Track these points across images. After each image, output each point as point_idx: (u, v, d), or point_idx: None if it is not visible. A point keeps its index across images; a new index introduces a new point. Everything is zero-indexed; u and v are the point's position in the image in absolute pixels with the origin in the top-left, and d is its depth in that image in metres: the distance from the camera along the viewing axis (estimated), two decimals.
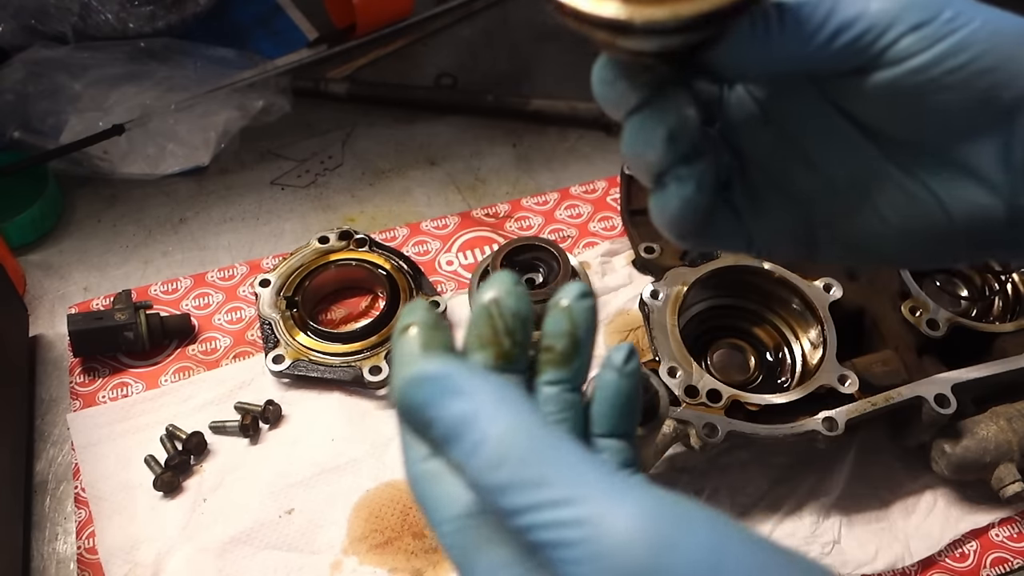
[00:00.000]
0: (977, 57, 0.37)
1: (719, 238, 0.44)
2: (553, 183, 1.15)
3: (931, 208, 0.41)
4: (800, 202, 0.44)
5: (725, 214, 0.44)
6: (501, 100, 1.21)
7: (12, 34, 1.17)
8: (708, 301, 0.92)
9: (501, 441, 0.32)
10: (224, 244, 1.07)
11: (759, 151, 0.44)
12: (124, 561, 0.80)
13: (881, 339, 0.85)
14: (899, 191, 0.41)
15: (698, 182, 0.39)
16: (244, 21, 1.34)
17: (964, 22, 0.37)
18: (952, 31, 0.37)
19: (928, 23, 0.37)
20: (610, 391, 0.41)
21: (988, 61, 0.37)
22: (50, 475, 0.87)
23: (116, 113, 1.12)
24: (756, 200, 0.44)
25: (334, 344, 0.92)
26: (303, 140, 1.19)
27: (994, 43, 0.37)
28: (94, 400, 0.91)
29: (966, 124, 0.38)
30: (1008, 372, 0.81)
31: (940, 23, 0.37)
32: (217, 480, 0.85)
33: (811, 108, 0.42)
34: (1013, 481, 0.79)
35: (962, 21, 0.37)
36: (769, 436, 0.77)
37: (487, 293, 0.40)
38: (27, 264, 1.04)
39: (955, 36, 0.37)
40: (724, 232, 0.44)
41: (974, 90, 0.37)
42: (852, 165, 0.42)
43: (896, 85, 0.38)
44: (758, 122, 0.44)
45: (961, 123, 0.38)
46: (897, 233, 0.42)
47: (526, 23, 1.37)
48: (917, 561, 0.82)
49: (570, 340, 0.40)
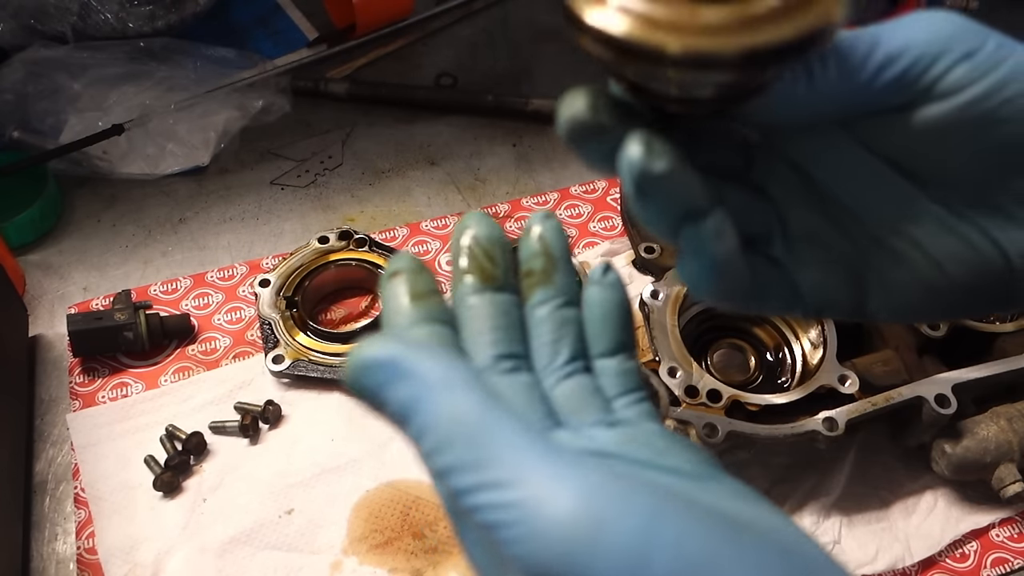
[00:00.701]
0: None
1: (765, 298, 0.41)
2: (553, 183, 1.15)
3: (989, 254, 0.38)
4: (846, 253, 0.40)
5: (767, 270, 0.41)
6: (501, 100, 1.21)
7: (11, 34, 1.17)
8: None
9: (446, 424, 0.32)
10: (224, 244, 1.07)
11: (791, 200, 0.40)
12: (124, 561, 0.80)
13: (881, 339, 0.85)
14: (950, 236, 0.38)
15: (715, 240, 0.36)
16: (244, 21, 1.34)
17: (1009, 51, 0.35)
18: (1003, 59, 0.35)
19: (978, 51, 0.34)
20: (597, 305, 0.40)
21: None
22: (49, 475, 0.87)
23: (116, 113, 1.12)
24: (798, 254, 0.41)
25: (334, 344, 0.92)
26: (303, 140, 1.19)
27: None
28: (94, 400, 0.91)
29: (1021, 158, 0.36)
30: (1008, 372, 0.81)
31: (989, 51, 0.35)
32: (217, 480, 0.85)
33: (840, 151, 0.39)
34: (1014, 481, 0.79)
35: (1008, 51, 0.35)
36: (769, 436, 0.77)
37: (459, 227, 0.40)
38: (26, 264, 1.04)
39: (1007, 64, 0.35)
40: (770, 291, 0.41)
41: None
42: (894, 210, 0.39)
43: (948, 120, 0.35)
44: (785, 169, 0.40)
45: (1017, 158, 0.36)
46: (952, 283, 0.38)
47: (526, 23, 1.36)
48: (917, 561, 0.82)
49: (546, 258, 0.40)
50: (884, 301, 0.41)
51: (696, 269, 0.37)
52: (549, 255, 0.40)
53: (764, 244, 0.41)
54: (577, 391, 0.39)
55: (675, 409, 0.77)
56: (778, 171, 0.40)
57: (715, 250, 0.36)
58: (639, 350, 0.95)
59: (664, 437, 0.38)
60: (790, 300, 0.41)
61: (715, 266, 0.37)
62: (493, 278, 0.39)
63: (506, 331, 0.39)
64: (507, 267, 0.40)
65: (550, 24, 1.35)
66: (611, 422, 0.38)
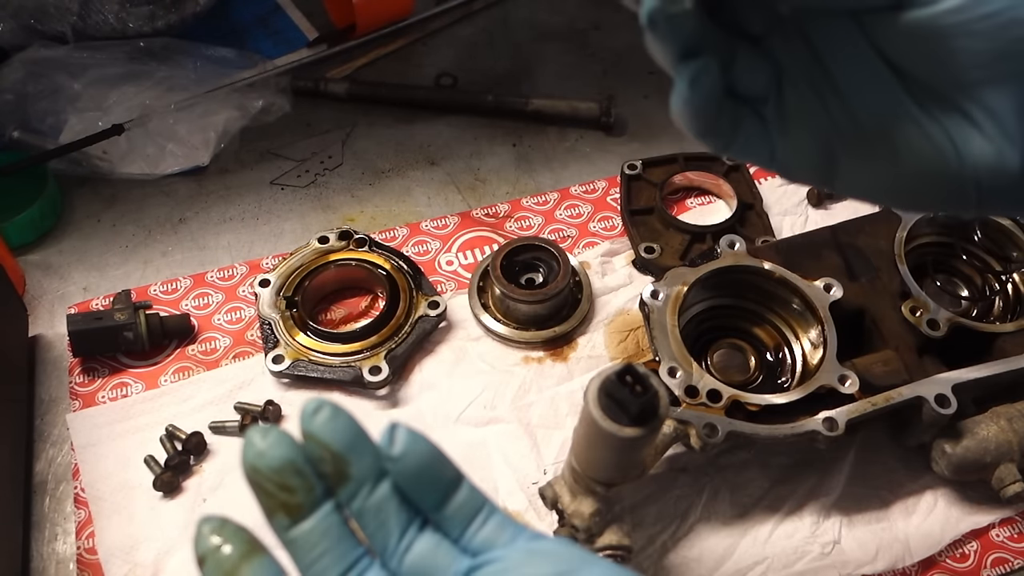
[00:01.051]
0: (1012, 6, 0.38)
1: (746, 147, 0.45)
2: (553, 183, 1.15)
3: (946, 152, 0.42)
4: (825, 128, 0.45)
5: (755, 124, 0.45)
6: (501, 100, 1.21)
7: (12, 34, 1.17)
8: (708, 301, 0.92)
9: None
10: (224, 244, 1.07)
11: (795, 71, 0.45)
12: (124, 561, 0.80)
13: (881, 339, 0.85)
14: (919, 132, 0.43)
15: (691, 80, 0.41)
16: (244, 21, 1.34)
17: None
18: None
19: None
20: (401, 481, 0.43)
21: (1019, 13, 0.38)
22: (50, 475, 0.87)
23: (116, 113, 1.12)
24: (786, 118, 0.45)
25: (334, 344, 0.92)
26: (303, 140, 1.19)
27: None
28: (94, 400, 0.91)
29: (989, 72, 0.40)
30: (1008, 372, 0.81)
31: None
32: (217, 480, 0.85)
33: (848, 39, 0.43)
34: (1014, 481, 0.79)
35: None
36: (769, 436, 0.77)
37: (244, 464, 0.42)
38: (27, 264, 1.04)
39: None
40: (751, 142, 0.45)
41: (1001, 40, 0.38)
42: (877, 100, 0.43)
43: (928, 25, 0.39)
44: (799, 42, 0.45)
45: (984, 71, 0.40)
46: (911, 174, 0.43)
47: (526, 23, 1.36)
48: (917, 561, 0.83)
49: (333, 460, 0.42)
50: (851, 178, 0.46)
51: (678, 101, 0.42)
52: (333, 454, 0.42)
53: (759, 103, 0.45)
54: (424, 557, 0.42)
55: (675, 409, 0.77)
56: (792, 44, 0.44)
57: (694, 89, 0.41)
58: (638, 351, 0.95)
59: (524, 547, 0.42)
60: (765, 157, 0.46)
61: (690, 101, 0.42)
62: (299, 507, 0.41)
63: (335, 550, 0.41)
64: (309, 483, 0.42)
65: (550, 24, 1.35)
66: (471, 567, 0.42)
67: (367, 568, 0.42)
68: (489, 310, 0.98)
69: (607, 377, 0.59)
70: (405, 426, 0.43)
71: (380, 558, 0.43)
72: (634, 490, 0.84)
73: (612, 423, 0.58)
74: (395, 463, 0.42)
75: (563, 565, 0.41)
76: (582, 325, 0.98)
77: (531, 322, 0.96)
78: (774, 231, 1.03)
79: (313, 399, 0.42)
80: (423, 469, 0.43)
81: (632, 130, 1.20)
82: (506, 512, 0.45)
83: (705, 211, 1.09)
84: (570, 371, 0.94)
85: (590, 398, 0.59)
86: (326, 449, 0.42)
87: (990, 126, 0.41)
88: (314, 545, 0.41)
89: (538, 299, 0.93)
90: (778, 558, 0.82)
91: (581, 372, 0.94)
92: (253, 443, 0.41)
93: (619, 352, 0.96)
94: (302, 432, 0.42)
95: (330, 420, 0.42)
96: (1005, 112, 0.40)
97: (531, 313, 0.95)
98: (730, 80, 0.43)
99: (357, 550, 0.42)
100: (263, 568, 0.41)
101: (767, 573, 0.81)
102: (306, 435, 0.42)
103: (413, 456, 0.42)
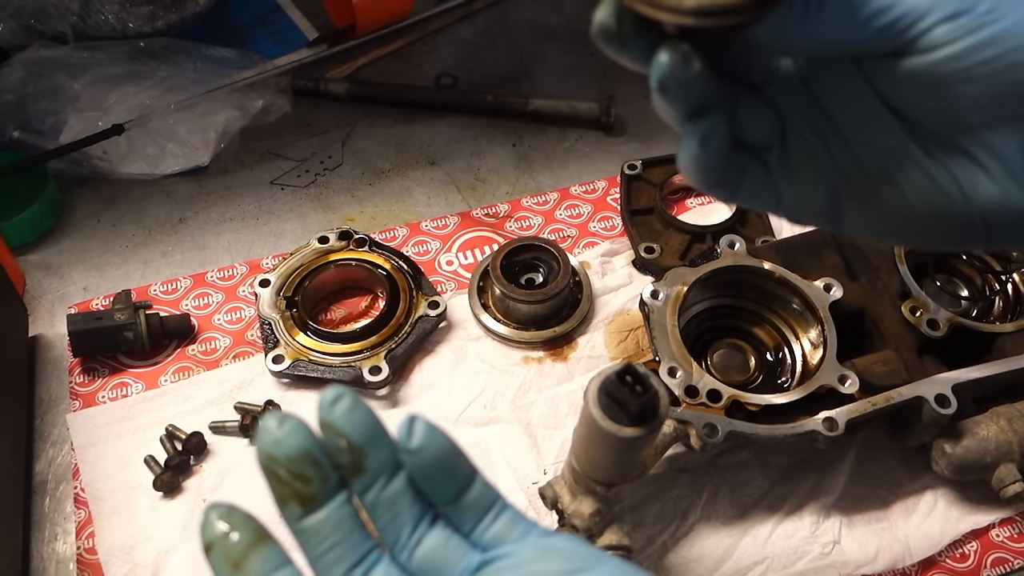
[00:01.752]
0: (1011, 51, 0.38)
1: (752, 195, 0.46)
2: (553, 183, 1.15)
3: (952, 193, 0.42)
4: (830, 173, 0.45)
5: (760, 173, 0.45)
6: (501, 100, 1.21)
7: (12, 34, 1.17)
8: (708, 301, 0.92)
9: None
10: (224, 244, 1.07)
11: (798, 117, 0.45)
12: (124, 561, 0.80)
13: (881, 339, 0.85)
14: (923, 174, 0.42)
15: (701, 140, 0.41)
16: (244, 21, 1.34)
17: (1000, 16, 0.38)
18: (987, 23, 0.38)
19: (964, 14, 0.38)
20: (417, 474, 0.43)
21: (1018, 57, 0.38)
22: (50, 475, 0.87)
23: (116, 113, 1.12)
24: (790, 164, 0.45)
25: (334, 344, 0.92)
26: (303, 140, 1.19)
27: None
28: (94, 400, 0.91)
29: (993, 115, 0.40)
30: (1008, 372, 0.81)
31: (976, 15, 0.38)
32: (217, 480, 0.85)
33: (848, 84, 0.43)
34: (1014, 481, 0.79)
35: (998, 15, 0.38)
36: (769, 436, 0.77)
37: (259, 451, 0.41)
38: (27, 264, 1.04)
39: (989, 29, 0.38)
40: (757, 189, 0.45)
41: (1002, 84, 0.38)
42: (880, 143, 0.43)
43: (928, 72, 0.39)
44: (800, 89, 0.45)
45: (987, 114, 0.40)
46: (918, 215, 0.43)
47: (526, 23, 1.36)
48: (917, 561, 0.83)
49: (350, 452, 0.42)
50: (857, 220, 0.46)
51: (686, 158, 0.42)
52: (351, 445, 0.42)
53: (763, 151, 0.45)
54: (435, 551, 0.42)
55: (675, 409, 0.77)
56: (793, 91, 0.45)
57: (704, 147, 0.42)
58: (638, 351, 0.95)
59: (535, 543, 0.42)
60: (771, 204, 0.46)
61: (699, 159, 0.42)
62: (313, 498, 0.41)
63: (346, 542, 0.41)
64: (324, 473, 0.42)
65: (550, 24, 1.35)
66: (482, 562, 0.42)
67: (377, 561, 0.41)
68: (489, 310, 0.98)
69: (607, 377, 0.59)
70: (423, 419, 0.42)
71: (390, 551, 0.42)
72: (634, 490, 0.84)
73: (612, 423, 0.58)
74: (412, 456, 0.42)
75: (574, 562, 0.41)
76: (582, 325, 0.98)
77: (531, 322, 0.96)
78: (774, 231, 1.03)
79: (332, 388, 0.42)
80: (440, 463, 0.42)
81: (632, 130, 1.20)
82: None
83: (705, 211, 1.09)
84: (570, 371, 0.94)
85: (590, 398, 0.60)
86: (346, 439, 0.41)
87: (995, 167, 0.41)
88: (325, 536, 0.41)
89: (538, 299, 0.93)
90: (778, 558, 0.82)
91: (581, 372, 0.94)
92: (270, 430, 0.41)
93: (619, 352, 0.96)
94: (320, 421, 0.42)
95: (350, 411, 0.42)
96: (1010, 152, 0.40)
97: (531, 313, 0.95)
98: (735, 130, 0.44)
99: (368, 543, 0.42)
100: (271, 557, 0.40)
101: (767, 573, 0.81)
102: (324, 425, 0.42)
103: (431, 449, 0.42)
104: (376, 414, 0.43)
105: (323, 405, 0.42)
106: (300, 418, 0.42)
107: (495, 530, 0.43)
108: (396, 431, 0.42)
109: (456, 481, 0.43)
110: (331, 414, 0.42)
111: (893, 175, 0.43)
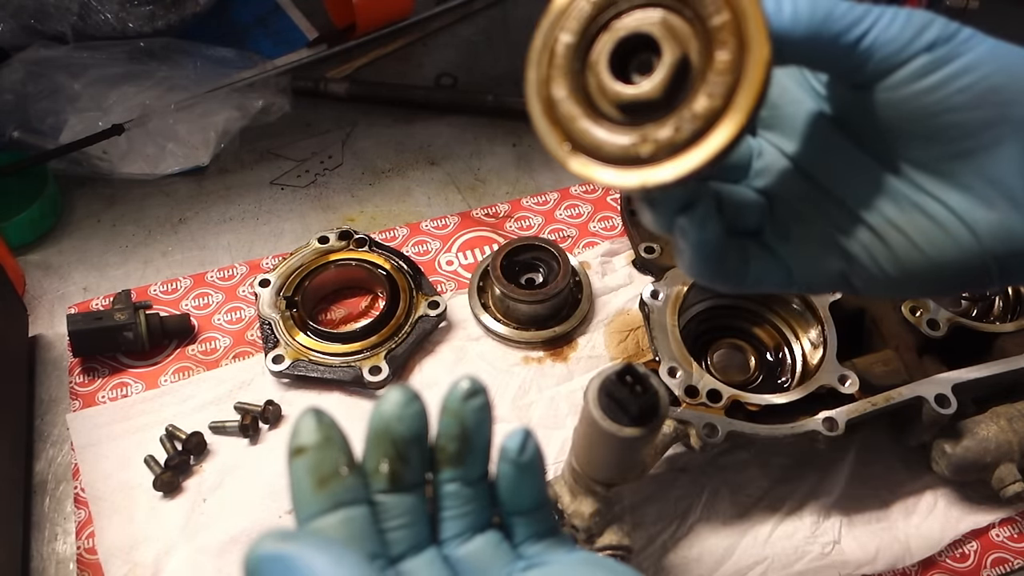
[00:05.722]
0: (984, 78, 0.38)
1: (760, 278, 0.45)
2: (553, 183, 1.15)
3: (955, 231, 0.41)
4: (831, 236, 0.44)
5: (760, 255, 0.45)
6: (501, 100, 1.21)
7: (12, 34, 1.17)
8: (708, 301, 0.92)
9: None
10: (224, 244, 1.07)
11: (784, 190, 0.45)
12: (124, 561, 0.80)
13: (881, 339, 0.85)
14: (921, 214, 0.42)
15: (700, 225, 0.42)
16: (244, 21, 1.34)
17: (975, 44, 0.39)
18: (964, 52, 0.38)
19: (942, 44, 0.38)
20: (507, 481, 0.44)
21: (998, 80, 0.38)
22: (50, 475, 0.87)
23: (116, 113, 1.12)
24: (788, 237, 0.45)
25: (334, 344, 0.92)
26: (303, 140, 1.19)
27: (1002, 64, 0.38)
28: (94, 400, 0.91)
29: (979, 140, 0.39)
30: (1008, 372, 0.81)
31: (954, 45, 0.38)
32: (217, 480, 0.85)
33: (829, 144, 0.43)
34: (1014, 481, 0.79)
35: (973, 44, 0.39)
36: (769, 436, 0.77)
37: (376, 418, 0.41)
38: (26, 264, 1.04)
39: (965, 58, 0.38)
40: (763, 273, 0.45)
41: (984, 109, 0.38)
42: (870, 192, 0.43)
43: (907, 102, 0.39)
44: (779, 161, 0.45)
45: (977, 140, 0.39)
46: (928, 260, 0.42)
47: (526, 23, 1.36)
48: (918, 561, 0.82)
49: (460, 442, 0.43)
50: (868, 276, 0.44)
51: (689, 254, 0.43)
52: (466, 441, 0.43)
53: (759, 234, 0.46)
54: (484, 550, 0.43)
55: (675, 409, 0.77)
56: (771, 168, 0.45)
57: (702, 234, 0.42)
58: (639, 353, 0.95)
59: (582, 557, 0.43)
60: (783, 280, 0.46)
61: (703, 246, 0.42)
62: (403, 480, 0.42)
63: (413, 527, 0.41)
64: (420, 464, 0.42)
65: None
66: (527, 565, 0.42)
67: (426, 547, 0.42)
68: (489, 310, 0.98)
69: (607, 377, 0.59)
70: (535, 437, 0.44)
71: (440, 536, 0.43)
72: (634, 490, 0.84)
73: (612, 423, 0.58)
74: (514, 466, 0.43)
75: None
76: (582, 325, 0.98)
77: (531, 322, 0.96)
78: None
79: (469, 380, 0.43)
80: (535, 480, 0.44)
81: None
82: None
83: None
84: (570, 371, 0.94)
85: (590, 398, 0.59)
86: (464, 434, 0.42)
87: (992, 193, 0.40)
88: (397, 516, 0.41)
89: (538, 299, 0.93)
90: (778, 558, 0.82)
91: (581, 372, 0.94)
92: (396, 403, 0.41)
93: (619, 352, 0.96)
94: (447, 408, 0.43)
95: (480, 409, 0.43)
96: (1005, 177, 0.40)
97: (531, 313, 0.95)
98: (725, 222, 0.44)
99: (427, 531, 0.42)
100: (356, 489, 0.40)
101: (767, 573, 0.81)
102: (450, 411, 0.43)
103: (534, 467, 0.44)
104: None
105: (456, 394, 0.43)
106: (424, 402, 0.42)
107: (544, 545, 0.44)
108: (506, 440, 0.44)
109: (535, 501, 0.45)
110: (464, 406, 0.42)
111: (893, 220, 0.42)
